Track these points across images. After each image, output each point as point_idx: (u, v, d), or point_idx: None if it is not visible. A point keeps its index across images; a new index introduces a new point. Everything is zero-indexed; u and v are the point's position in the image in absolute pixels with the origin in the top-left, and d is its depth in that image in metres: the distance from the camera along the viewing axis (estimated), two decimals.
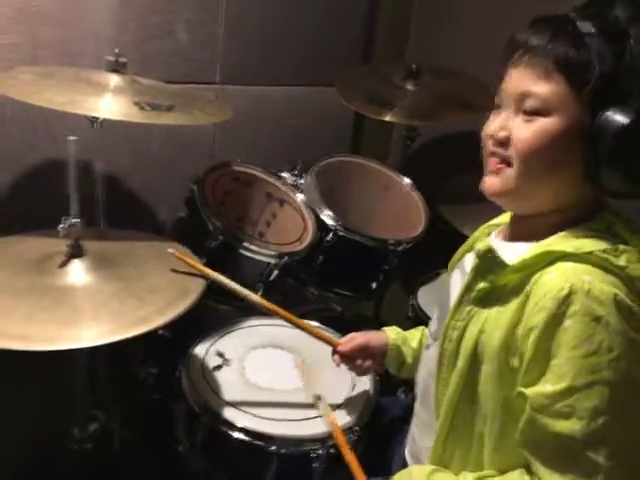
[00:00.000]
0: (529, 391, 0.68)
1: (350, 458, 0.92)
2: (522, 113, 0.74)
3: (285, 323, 1.29)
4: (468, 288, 0.79)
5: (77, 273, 0.96)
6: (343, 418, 1.05)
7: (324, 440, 1.00)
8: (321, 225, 1.41)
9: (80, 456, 1.12)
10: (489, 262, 0.76)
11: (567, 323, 0.66)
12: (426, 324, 1.05)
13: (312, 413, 1.05)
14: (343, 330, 1.28)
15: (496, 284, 0.75)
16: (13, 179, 1.38)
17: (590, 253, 0.69)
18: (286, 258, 1.30)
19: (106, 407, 1.27)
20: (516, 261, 0.73)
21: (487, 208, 0.89)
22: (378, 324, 1.77)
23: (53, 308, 0.86)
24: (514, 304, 0.72)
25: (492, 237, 0.89)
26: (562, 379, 0.66)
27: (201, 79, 1.61)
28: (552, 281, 0.68)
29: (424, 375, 0.92)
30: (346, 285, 1.51)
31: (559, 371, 0.66)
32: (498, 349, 0.72)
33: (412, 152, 1.83)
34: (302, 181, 1.49)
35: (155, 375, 1.47)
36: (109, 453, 1.23)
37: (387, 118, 1.60)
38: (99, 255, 1.00)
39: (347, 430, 1.02)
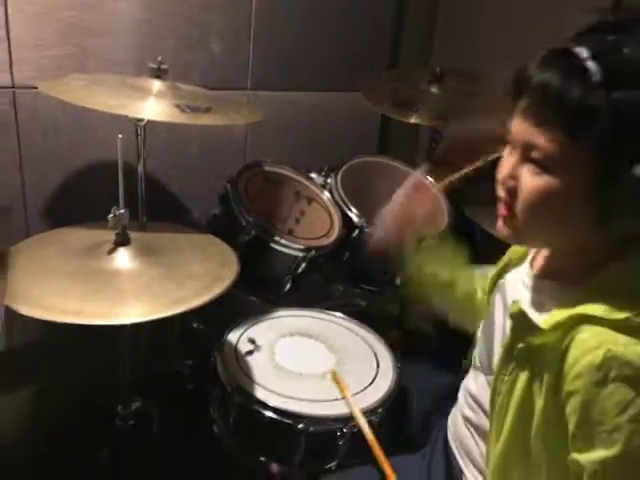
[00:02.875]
0: (582, 458, 0.68)
1: (373, 443, 0.98)
2: (530, 162, 0.71)
3: (311, 314, 1.38)
4: (509, 347, 0.78)
5: (123, 259, 1.05)
6: (367, 401, 1.10)
7: (348, 419, 1.06)
8: (347, 222, 1.48)
9: (123, 431, 1.21)
10: (523, 324, 0.75)
11: (608, 390, 0.65)
12: None
13: (338, 395, 1.11)
14: (369, 324, 1.35)
15: (533, 344, 0.73)
16: (64, 177, 1.49)
17: (627, 319, 0.66)
18: (313, 252, 1.37)
19: (145, 394, 1.36)
20: (549, 322, 0.71)
21: None
22: (402, 320, 1.83)
23: (103, 289, 0.95)
24: (553, 363, 0.70)
25: (526, 266, 0.86)
26: (614, 445, 0.65)
27: (234, 85, 1.71)
28: (587, 344, 0.67)
29: (473, 395, 0.93)
30: (371, 280, 1.57)
31: (609, 438, 0.65)
32: (543, 407, 0.72)
33: (437, 154, 1.89)
34: (329, 180, 1.56)
35: (190, 366, 1.55)
36: (149, 431, 1.32)
37: (412, 120, 1.66)
38: (142, 244, 1.09)
39: (369, 412, 1.08)
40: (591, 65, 0.64)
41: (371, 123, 2.11)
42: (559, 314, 0.70)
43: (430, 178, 1.20)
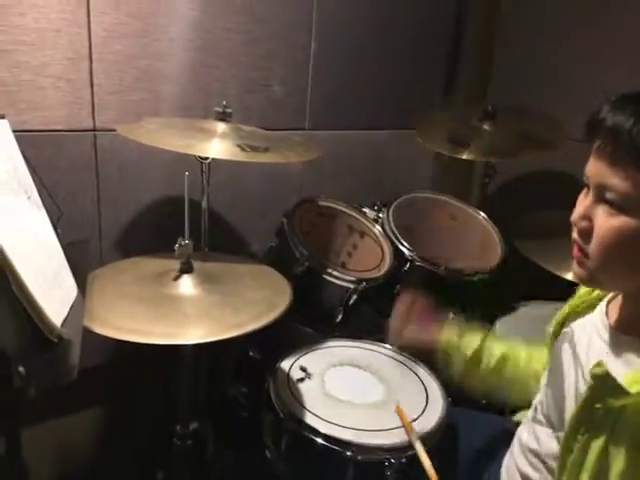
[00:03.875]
0: None
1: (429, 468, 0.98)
2: (604, 203, 0.71)
3: (361, 345, 1.40)
4: (585, 407, 0.76)
5: (187, 286, 1.14)
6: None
7: (398, 450, 1.07)
8: (399, 255, 1.51)
9: (181, 450, 1.27)
10: (606, 385, 0.72)
11: None
12: None
13: (388, 425, 1.13)
14: (417, 357, 1.36)
15: (615, 406, 0.71)
16: (136, 211, 1.60)
17: None
18: (364, 284, 1.41)
19: (203, 417, 1.42)
20: (634, 385, 0.69)
21: (561, 245, 0.92)
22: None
23: (169, 313, 1.04)
24: (638, 424, 0.69)
25: (602, 316, 0.84)
26: None
27: (292, 125, 1.80)
28: None
29: (533, 451, 0.91)
30: None
31: None
32: (624, 468, 0.70)
33: (491, 190, 1.90)
34: (382, 215, 1.61)
35: (245, 394, 1.59)
36: (205, 452, 1.37)
37: (464, 156, 1.69)
38: (204, 272, 1.18)
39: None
40: None
41: (425, 160, 2.15)
42: None
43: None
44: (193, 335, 1.00)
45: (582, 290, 0.92)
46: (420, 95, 2.04)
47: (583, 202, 0.75)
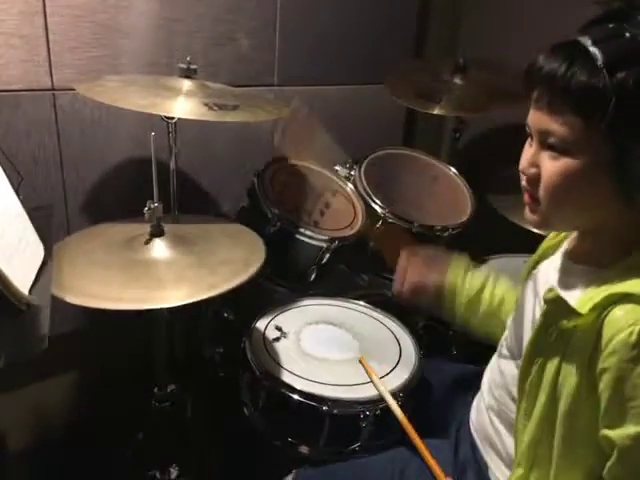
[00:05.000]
0: (613, 434, 0.70)
1: (407, 425, 1.02)
2: (548, 148, 0.74)
3: (336, 302, 1.42)
4: (541, 331, 0.80)
5: (159, 249, 1.12)
6: (388, 387, 1.14)
7: (372, 402, 1.10)
8: (371, 213, 1.52)
9: (160, 412, 1.29)
10: (559, 309, 0.76)
11: None
12: None
13: (362, 379, 1.16)
14: (393, 314, 1.38)
15: (567, 327, 0.75)
16: (102, 175, 1.56)
17: None
18: (337, 242, 1.41)
19: (180, 378, 1.43)
20: (586, 305, 0.72)
21: None
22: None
23: (141, 277, 1.03)
24: (587, 343, 0.72)
25: (561, 254, 0.88)
26: None
27: (261, 82, 1.75)
28: (621, 321, 0.69)
29: (497, 384, 0.95)
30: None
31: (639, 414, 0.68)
32: (575, 387, 0.74)
33: (461, 144, 1.90)
34: (353, 173, 1.60)
35: (221, 354, 1.61)
36: (184, 413, 1.39)
37: (435, 111, 1.68)
38: (176, 235, 1.16)
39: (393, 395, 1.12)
40: (594, 50, 0.68)
41: (396, 115, 2.13)
42: (596, 295, 0.72)
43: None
44: (167, 298, 0.99)
45: (550, 234, 0.95)
46: (390, 49, 2.00)
47: (528, 151, 0.78)
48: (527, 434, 0.82)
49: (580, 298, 0.75)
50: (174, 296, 1.00)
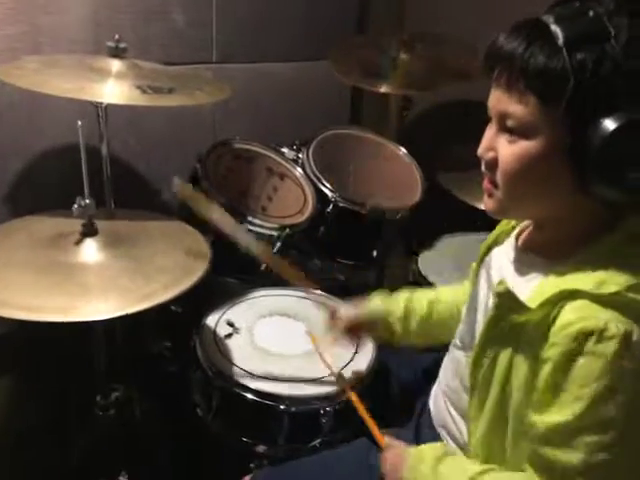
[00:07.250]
0: (538, 419, 0.70)
1: (364, 413, 0.98)
2: (506, 132, 0.72)
3: (289, 292, 1.36)
4: (492, 325, 0.78)
5: (90, 251, 1.01)
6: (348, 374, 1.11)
7: (331, 398, 1.07)
8: (321, 197, 1.46)
9: (104, 421, 1.20)
10: (509, 303, 0.74)
11: (580, 361, 0.66)
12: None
13: (319, 374, 1.12)
14: (348, 298, 1.34)
15: (518, 321, 0.74)
16: (24, 163, 1.43)
17: (617, 294, 0.66)
18: (288, 230, 1.36)
19: (125, 380, 1.35)
20: (536, 301, 0.71)
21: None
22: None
23: (65, 283, 0.92)
24: (537, 337, 0.71)
25: (512, 240, 0.87)
26: (568, 413, 0.67)
27: (198, 59, 1.65)
28: (569, 316, 0.68)
29: (451, 374, 0.94)
30: (348, 254, 1.57)
31: (567, 405, 0.67)
32: (524, 381, 0.73)
33: (409, 122, 1.87)
34: (301, 155, 1.54)
35: (169, 348, 1.55)
36: (131, 419, 1.31)
37: (381, 90, 1.63)
38: (111, 234, 1.06)
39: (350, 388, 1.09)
40: (555, 29, 0.66)
41: (343, 93, 2.07)
42: (547, 291, 0.70)
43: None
44: (93, 310, 0.89)
45: (503, 221, 0.92)
46: (334, 24, 1.93)
47: (488, 133, 0.76)
48: (480, 426, 0.81)
49: (531, 292, 0.74)
50: (101, 308, 0.89)
